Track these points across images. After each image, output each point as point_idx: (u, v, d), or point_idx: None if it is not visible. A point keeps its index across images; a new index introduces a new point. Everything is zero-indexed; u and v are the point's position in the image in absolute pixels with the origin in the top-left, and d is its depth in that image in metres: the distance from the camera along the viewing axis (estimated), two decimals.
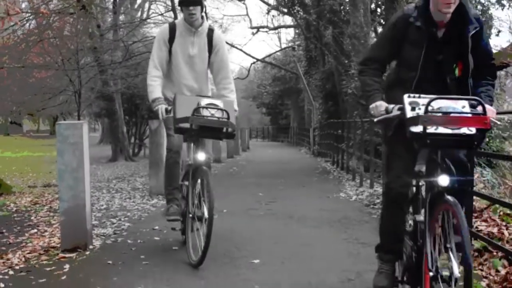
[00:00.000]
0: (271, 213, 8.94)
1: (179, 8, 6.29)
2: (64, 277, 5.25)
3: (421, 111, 3.56)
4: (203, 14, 6.15)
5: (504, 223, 6.16)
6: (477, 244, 5.67)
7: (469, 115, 3.50)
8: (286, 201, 10.36)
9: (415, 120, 3.52)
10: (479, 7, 18.71)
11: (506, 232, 5.83)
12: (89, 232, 6.49)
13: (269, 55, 44.41)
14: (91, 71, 19.16)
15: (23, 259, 5.97)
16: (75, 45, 16.01)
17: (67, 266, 5.61)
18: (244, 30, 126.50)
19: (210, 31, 6.22)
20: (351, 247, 6.41)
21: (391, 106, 3.82)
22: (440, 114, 3.50)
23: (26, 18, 17.07)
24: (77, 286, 4.98)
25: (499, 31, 18.95)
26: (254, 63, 43.13)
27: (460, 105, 3.55)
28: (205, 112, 5.43)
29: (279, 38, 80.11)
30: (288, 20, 39.87)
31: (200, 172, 5.65)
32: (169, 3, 24.41)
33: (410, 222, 4.15)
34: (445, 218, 3.60)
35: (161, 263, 5.74)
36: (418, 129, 3.52)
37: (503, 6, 18.24)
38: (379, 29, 22.92)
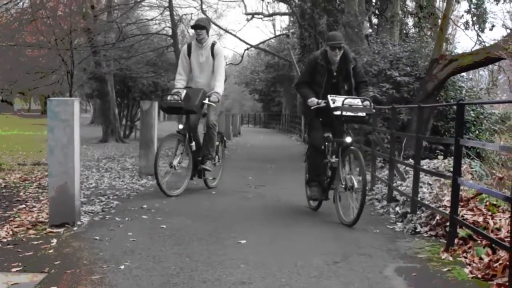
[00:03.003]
0: (260, 196, 9.01)
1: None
2: (51, 251, 5.28)
3: (339, 103, 6.92)
4: (208, 35, 9.10)
5: (489, 213, 6.19)
6: (462, 232, 5.72)
7: (362, 106, 7.04)
8: (275, 185, 10.43)
9: (337, 108, 6.90)
10: (474, 0, 18.68)
11: (491, 222, 5.86)
12: (78, 209, 6.52)
13: (263, 42, 44.07)
14: (84, 52, 19.07)
15: (10, 232, 5.99)
16: (68, 25, 15.91)
17: (54, 241, 5.63)
18: (238, 16, 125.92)
19: (213, 45, 9.07)
20: (337, 231, 6.48)
21: (319, 100, 7.20)
22: (348, 106, 6.93)
23: None
24: (64, 260, 4.99)
25: (493, 26, 18.92)
26: (247, 49, 42.90)
27: (358, 102, 7.02)
28: (169, 98, 8.69)
29: (274, 25, 79.88)
30: (283, 7, 39.83)
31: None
32: None
33: (326, 162, 7.46)
34: (350, 158, 7.04)
35: (149, 240, 5.78)
36: (338, 113, 6.90)
37: (497, 0, 18.13)
38: (374, 20, 22.98)
